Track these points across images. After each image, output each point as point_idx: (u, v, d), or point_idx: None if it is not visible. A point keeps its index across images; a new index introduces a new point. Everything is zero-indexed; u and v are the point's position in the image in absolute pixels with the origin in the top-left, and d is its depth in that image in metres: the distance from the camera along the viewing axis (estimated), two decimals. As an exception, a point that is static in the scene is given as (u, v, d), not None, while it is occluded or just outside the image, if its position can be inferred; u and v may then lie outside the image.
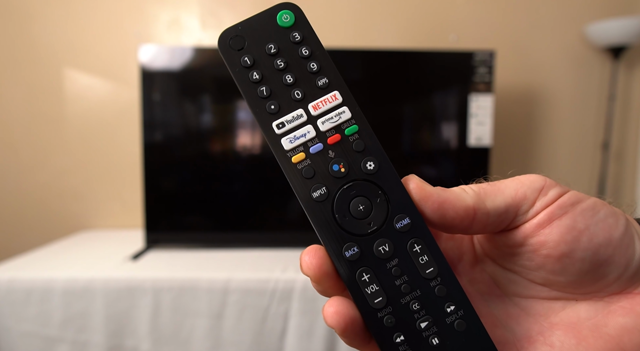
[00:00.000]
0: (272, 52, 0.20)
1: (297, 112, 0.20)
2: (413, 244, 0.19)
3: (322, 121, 0.20)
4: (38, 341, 0.86)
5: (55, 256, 1.03)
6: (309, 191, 0.19)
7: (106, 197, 1.36)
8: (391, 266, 0.19)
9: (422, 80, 1.19)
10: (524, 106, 1.41)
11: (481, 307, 0.22)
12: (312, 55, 0.20)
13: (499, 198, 0.19)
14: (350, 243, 0.19)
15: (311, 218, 0.19)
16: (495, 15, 1.37)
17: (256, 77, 0.20)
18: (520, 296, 0.22)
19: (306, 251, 0.19)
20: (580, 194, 0.19)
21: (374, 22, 1.35)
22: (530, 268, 0.20)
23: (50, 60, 1.31)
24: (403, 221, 0.19)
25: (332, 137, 0.20)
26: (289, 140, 0.19)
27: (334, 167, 0.19)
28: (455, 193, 0.19)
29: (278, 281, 0.88)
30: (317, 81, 0.20)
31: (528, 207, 0.19)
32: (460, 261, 0.23)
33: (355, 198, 0.19)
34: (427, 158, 1.20)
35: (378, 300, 0.18)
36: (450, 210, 0.19)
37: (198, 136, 1.15)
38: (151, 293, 0.86)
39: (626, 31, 1.23)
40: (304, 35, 0.20)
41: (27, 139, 1.34)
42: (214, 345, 0.88)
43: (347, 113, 0.20)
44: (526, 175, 0.20)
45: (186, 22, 1.33)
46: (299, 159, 0.19)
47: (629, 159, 1.47)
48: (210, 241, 1.14)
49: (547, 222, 0.18)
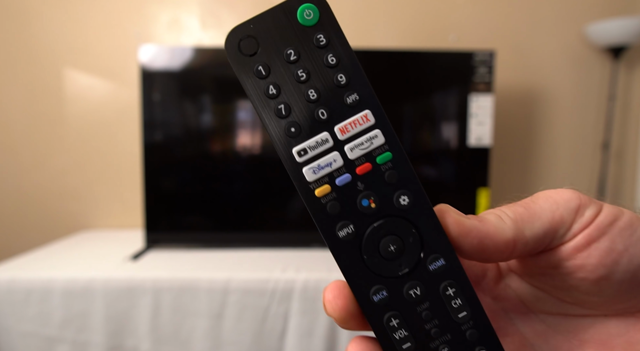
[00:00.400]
0: (291, 59, 0.17)
1: (321, 137, 0.17)
2: (446, 287, 0.17)
3: (350, 147, 0.17)
4: (38, 341, 0.86)
5: (55, 256, 1.03)
6: (334, 229, 0.17)
7: (106, 197, 1.36)
8: (421, 309, 0.17)
9: (422, 80, 1.19)
10: (524, 106, 1.41)
11: (507, 326, 0.21)
12: (340, 63, 0.17)
13: (537, 224, 0.18)
14: (379, 287, 0.17)
15: (336, 257, 0.17)
16: (495, 15, 1.37)
17: (273, 92, 0.17)
18: (547, 313, 0.21)
19: (329, 288, 0.18)
20: (615, 210, 0.18)
21: (374, 22, 1.35)
22: (563, 289, 0.19)
23: (50, 60, 1.31)
24: (437, 262, 0.17)
25: (361, 166, 0.17)
26: (312, 170, 0.17)
27: (363, 203, 0.17)
28: (494, 224, 0.18)
29: (278, 281, 0.88)
30: (346, 97, 0.17)
31: (565, 230, 0.18)
32: (484, 277, 0.22)
33: (386, 236, 0.17)
34: (427, 158, 1.20)
35: (407, 345, 0.17)
36: (491, 245, 0.17)
37: (198, 136, 1.15)
38: (151, 293, 0.86)
39: (626, 31, 1.23)
40: (331, 38, 0.17)
41: (27, 139, 1.34)
42: (214, 345, 0.88)
43: (380, 138, 0.17)
44: (559, 192, 0.18)
45: (186, 22, 1.33)
46: (323, 193, 0.17)
47: (629, 159, 1.47)
48: (210, 241, 1.14)
49: (585, 245, 0.17)
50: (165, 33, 1.33)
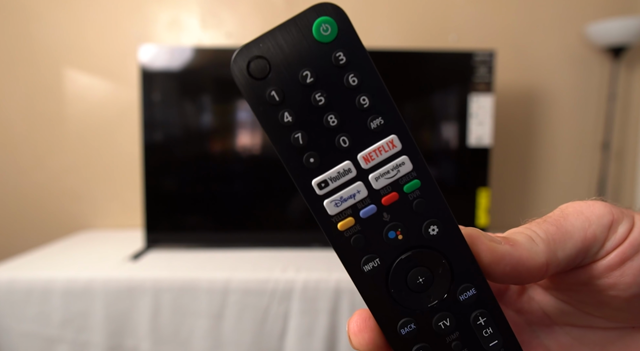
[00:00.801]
0: (308, 82, 0.15)
1: (343, 167, 0.16)
2: (477, 317, 0.17)
3: (375, 177, 0.16)
4: (38, 341, 0.86)
5: (55, 256, 1.02)
6: (359, 263, 0.16)
7: (106, 197, 1.36)
8: (451, 340, 0.17)
9: (422, 80, 1.19)
10: (524, 106, 1.41)
11: (531, 339, 0.20)
12: (363, 84, 0.15)
13: (569, 244, 0.17)
14: (407, 319, 0.16)
15: (361, 291, 0.16)
16: (495, 15, 1.37)
17: (288, 119, 0.15)
18: (572, 326, 0.20)
19: (354, 319, 0.17)
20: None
21: (374, 22, 1.35)
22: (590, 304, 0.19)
23: (50, 60, 1.31)
24: (468, 292, 0.16)
25: (387, 196, 0.16)
26: (335, 203, 0.16)
27: (389, 235, 0.16)
28: (527, 248, 0.17)
29: (278, 281, 0.88)
30: (370, 121, 0.15)
31: (598, 248, 0.17)
32: (507, 290, 0.21)
33: (414, 268, 0.16)
34: (427, 158, 1.20)
35: None
36: (524, 271, 0.17)
37: (198, 136, 1.15)
38: (151, 293, 0.86)
39: (626, 31, 1.23)
40: (351, 55, 0.15)
41: (27, 139, 1.34)
42: (214, 345, 0.88)
43: (408, 164, 0.16)
44: (591, 207, 0.17)
45: (186, 22, 1.33)
46: (346, 226, 0.16)
47: (629, 159, 1.47)
48: (210, 241, 1.14)
49: (619, 264, 0.17)
50: (165, 33, 1.33)
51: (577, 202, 0.18)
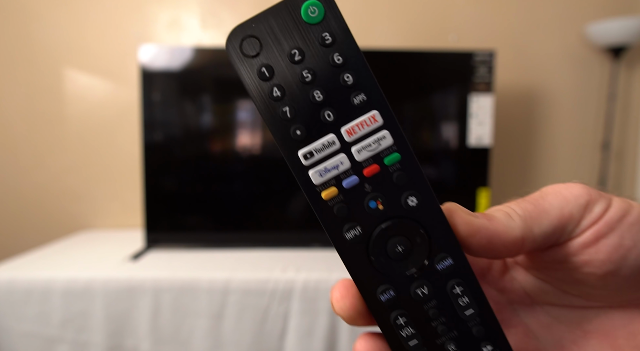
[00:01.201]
0: (296, 59, 0.16)
1: (328, 139, 0.17)
2: (454, 286, 0.17)
3: (357, 149, 0.17)
4: (38, 341, 0.86)
5: (55, 256, 1.02)
6: (341, 231, 0.17)
7: (106, 197, 1.36)
8: (428, 308, 0.18)
9: (422, 80, 1.19)
10: (524, 106, 1.41)
11: (511, 317, 0.21)
12: (347, 63, 0.16)
13: (545, 222, 0.18)
14: (386, 286, 0.17)
15: (343, 258, 0.17)
16: (495, 15, 1.37)
17: (277, 94, 0.16)
18: (552, 305, 0.21)
19: (337, 287, 0.18)
20: (625, 204, 0.18)
21: (374, 22, 1.35)
22: (568, 282, 0.19)
23: (50, 60, 1.31)
24: (445, 261, 0.17)
25: (369, 168, 0.17)
26: (319, 173, 0.17)
27: (370, 204, 0.17)
28: (503, 223, 0.17)
29: (278, 281, 0.88)
30: (353, 97, 0.16)
31: (574, 226, 0.18)
32: (490, 270, 0.22)
33: (394, 237, 0.17)
34: (427, 158, 1.20)
35: (413, 342, 0.17)
36: (499, 244, 0.17)
37: (198, 136, 1.15)
38: (151, 293, 0.86)
39: (626, 31, 1.23)
40: (337, 36, 0.16)
41: (27, 139, 1.34)
42: (214, 345, 0.88)
43: (389, 138, 0.17)
44: (569, 187, 0.18)
45: (186, 22, 1.33)
46: (330, 195, 0.17)
47: (629, 159, 1.47)
48: (210, 241, 1.14)
49: (594, 241, 0.17)
50: (165, 33, 1.33)
51: (556, 184, 0.19)
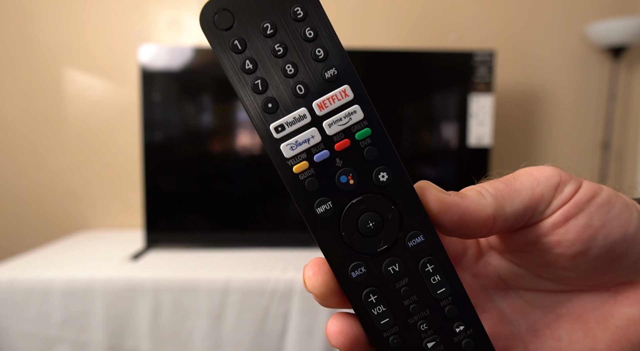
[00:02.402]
0: (268, 33, 0.16)
1: (299, 112, 0.17)
2: (425, 264, 0.17)
3: (328, 123, 0.17)
4: (38, 341, 0.86)
5: (55, 256, 1.03)
6: (312, 205, 0.17)
7: (106, 197, 1.36)
8: (400, 286, 0.17)
9: (422, 80, 1.19)
10: (524, 106, 1.41)
11: (486, 302, 0.21)
12: (318, 37, 0.16)
13: (517, 201, 0.18)
14: (358, 263, 0.17)
15: (315, 234, 0.17)
16: (495, 15, 1.37)
17: (249, 66, 0.16)
18: (525, 289, 0.21)
19: (309, 265, 0.18)
20: (595, 186, 0.18)
21: (374, 22, 1.35)
22: (541, 265, 0.20)
23: (50, 60, 1.31)
24: (416, 238, 0.17)
25: (340, 142, 0.17)
26: (290, 146, 0.17)
27: (341, 179, 0.17)
28: (475, 200, 0.18)
29: (278, 281, 0.88)
30: (324, 71, 0.16)
31: (545, 207, 0.18)
32: (464, 255, 0.22)
33: (365, 213, 0.17)
34: (427, 158, 1.20)
35: (385, 321, 0.17)
36: (471, 221, 0.17)
37: (198, 136, 1.15)
38: (151, 293, 0.86)
39: (626, 31, 1.23)
40: (309, 10, 0.16)
41: (27, 139, 1.34)
42: (214, 345, 0.88)
43: (359, 113, 0.17)
44: (540, 169, 0.18)
45: (186, 22, 1.33)
46: (301, 169, 0.17)
47: (629, 159, 1.47)
48: (210, 241, 1.14)
49: (563, 221, 0.18)
50: (165, 33, 1.33)
51: (529, 166, 0.19)
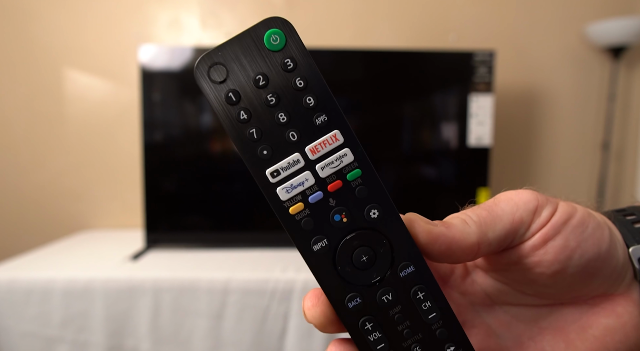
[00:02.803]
0: (260, 84, 0.17)
1: (293, 158, 0.18)
2: (417, 292, 0.18)
3: (321, 167, 0.18)
4: (38, 341, 0.86)
5: (55, 256, 1.02)
6: (309, 243, 0.18)
7: (106, 197, 1.36)
8: (394, 313, 0.19)
9: (422, 80, 1.19)
10: (524, 106, 1.41)
11: (474, 318, 0.23)
12: (308, 86, 0.17)
13: (499, 226, 0.19)
14: (353, 294, 0.18)
15: (312, 269, 0.18)
16: (495, 15, 1.37)
17: (244, 117, 0.17)
18: (510, 305, 0.23)
19: (307, 297, 0.19)
20: (570, 208, 0.19)
21: (374, 22, 1.35)
22: (523, 282, 0.21)
23: (50, 60, 1.31)
24: (407, 269, 0.18)
25: (332, 184, 0.18)
26: (286, 190, 0.18)
27: (335, 218, 0.18)
28: (460, 229, 0.19)
29: (278, 281, 0.88)
30: (315, 118, 0.18)
31: (525, 230, 0.19)
32: (452, 274, 0.23)
33: (358, 248, 0.18)
34: (427, 158, 1.20)
35: (381, 346, 0.18)
36: (457, 249, 0.19)
37: (198, 136, 1.15)
38: (151, 293, 0.86)
39: (626, 31, 1.23)
40: (298, 61, 0.17)
41: (27, 139, 1.34)
42: (214, 345, 0.88)
43: (350, 156, 0.18)
44: (519, 194, 0.20)
45: (186, 22, 1.33)
46: (297, 210, 0.18)
47: (629, 159, 1.47)
48: (210, 241, 1.14)
49: (542, 244, 0.19)
50: (165, 33, 1.33)
51: (508, 191, 0.20)
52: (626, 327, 0.20)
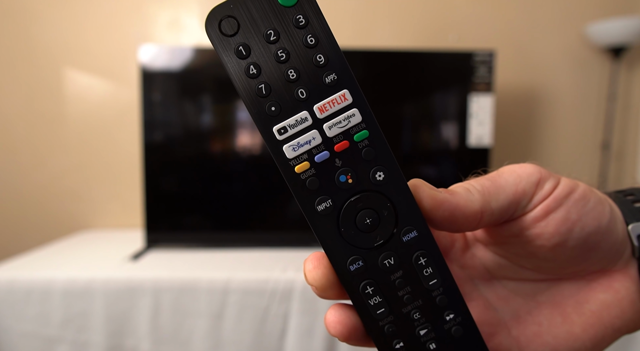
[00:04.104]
0: (271, 39, 0.17)
1: (301, 115, 0.17)
2: (419, 257, 0.18)
3: (328, 126, 0.17)
4: (38, 342, 0.86)
5: (55, 256, 1.02)
6: (313, 203, 0.18)
7: (106, 197, 1.36)
8: (395, 278, 0.18)
9: (422, 80, 1.19)
10: (524, 106, 1.41)
11: (472, 291, 0.23)
12: (319, 44, 0.17)
13: (502, 196, 0.19)
14: (356, 257, 0.18)
15: (315, 230, 0.18)
16: (495, 15, 1.37)
17: (253, 71, 0.17)
18: (508, 279, 0.23)
19: (309, 259, 0.19)
20: (572, 183, 0.20)
21: (374, 22, 1.35)
22: (522, 256, 0.21)
23: (50, 60, 1.31)
24: (410, 234, 0.18)
25: (339, 144, 0.18)
26: (292, 147, 0.17)
27: (340, 178, 0.18)
28: (464, 197, 0.19)
29: (278, 281, 0.88)
30: (324, 77, 0.17)
31: (527, 202, 0.19)
32: (452, 247, 0.24)
33: (362, 210, 0.18)
34: (427, 158, 1.20)
35: (380, 310, 0.18)
36: (461, 216, 0.19)
37: (198, 136, 1.15)
38: (151, 293, 0.86)
39: (626, 31, 1.23)
40: (310, 19, 0.17)
41: (27, 140, 1.34)
42: (214, 345, 0.88)
43: (358, 116, 0.18)
44: (522, 167, 0.20)
45: (186, 22, 1.33)
46: (302, 169, 0.17)
47: (629, 159, 1.47)
48: (210, 241, 1.14)
49: (544, 215, 0.19)
50: (165, 33, 1.33)
51: (512, 164, 0.20)
52: (622, 302, 0.20)
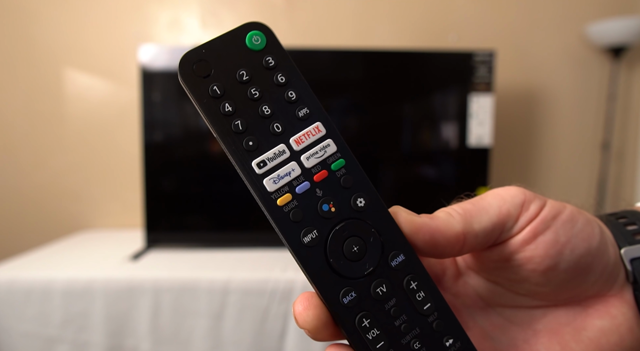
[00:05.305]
0: (244, 80, 0.18)
1: (278, 148, 0.18)
2: (409, 282, 0.18)
3: (306, 157, 0.18)
4: (38, 342, 0.86)
5: (55, 256, 1.02)
6: (299, 235, 0.18)
7: (106, 197, 1.36)
8: (389, 306, 0.18)
9: (422, 80, 1.19)
10: (524, 106, 1.41)
11: (467, 320, 0.22)
12: (289, 82, 0.18)
13: (485, 218, 0.19)
14: (348, 288, 0.18)
15: (303, 264, 0.18)
16: (495, 15, 1.37)
17: (228, 109, 0.18)
18: (503, 307, 0.22)
19: (298, 300, 0.18)
20: (558, 204, 0.19)
21: (374, 22, 1.35)
22: (515, 281, 0.21)
23: (50, 60, 1.31)
24: (398, 258, 0.18)
25: (318, 174, 0.18)
26: (273, 180, 0.18)
27: (323, 207, 0.18)
28: (443, 219, 0.19)
29: (278, 281, 0.88)
30: (297, 111, 0.18)
31: (512, 224, 0.19)
32: (444, 275, 0.23)
33: (349, 238, 0.18)
34: (427, 158, 1.20)
35: (380, 344, 0.18)
36: (442, 239, 0.18)
37: (198, 136, 1.15)
38: (151, 293, 0.86)
39: (626, 31, 1.23)
40: (278, 60, 0.18)
41: (27, 140, 1.34)
42: (214, 345, 0.88)
43: (333, 146, 0.18)
44: (505, 189, 0.20)
45: (186, 22, 1.33)
46: (285, 201, 0.17)
47: (629, 159, 1.47)
48: (210, 241, 1.14)
49: (532, 238, 0.19)
50: (165, 33, 1.33)
51: (495, 188, 0.20)
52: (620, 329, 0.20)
